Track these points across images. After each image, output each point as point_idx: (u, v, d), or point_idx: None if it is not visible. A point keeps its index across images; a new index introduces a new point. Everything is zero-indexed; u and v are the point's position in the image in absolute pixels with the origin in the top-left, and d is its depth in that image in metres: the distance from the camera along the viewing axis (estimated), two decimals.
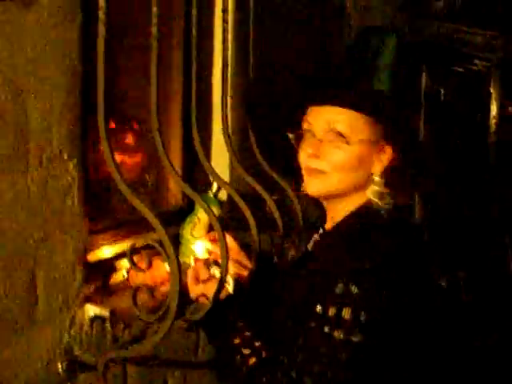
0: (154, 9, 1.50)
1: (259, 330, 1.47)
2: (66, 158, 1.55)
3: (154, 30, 1.52)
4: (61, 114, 1.53)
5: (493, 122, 4.04)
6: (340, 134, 1.41)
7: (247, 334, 1.45)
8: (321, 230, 1.55)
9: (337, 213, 1.48)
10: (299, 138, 1.50)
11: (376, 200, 1.43)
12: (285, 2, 2.79)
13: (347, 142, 1.40)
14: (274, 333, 1.45)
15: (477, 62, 4.09)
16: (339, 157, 1.42)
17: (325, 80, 1.60)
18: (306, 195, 1.53)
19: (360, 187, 1.45)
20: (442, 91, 4.22)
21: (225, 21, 1.82)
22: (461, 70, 4.13)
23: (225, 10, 1.82)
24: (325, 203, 1.52)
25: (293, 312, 1.39)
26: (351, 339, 1.24)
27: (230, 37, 1.93)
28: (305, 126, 1.48)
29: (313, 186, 1.47)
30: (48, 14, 1.48)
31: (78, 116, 1.59)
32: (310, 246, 1.58)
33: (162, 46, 1.47)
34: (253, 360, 1.40)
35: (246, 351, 1.42)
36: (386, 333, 1.29)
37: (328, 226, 1.52)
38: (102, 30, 1.42)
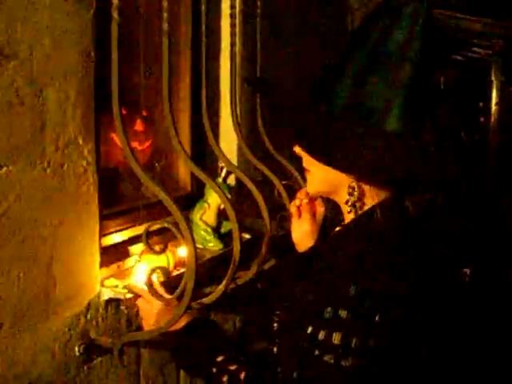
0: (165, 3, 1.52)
1: (241, 342, 1.44)
2: (81, 142, 1.57)
3: (164, 15, 1.54)
4: (76, 99, 1.54)
5: (494, 109, 4.06)
6: None
7: (229, 348, 1.40)
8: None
9: (345, 210, 1.35)
10: None
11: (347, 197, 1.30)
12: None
13: None
14: (271, 335, 1.36)
15: (477, 49, 4.09)
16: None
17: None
18: None
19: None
20: (442, 79, 4.23)
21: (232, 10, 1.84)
22: (460, 58, 4.14)
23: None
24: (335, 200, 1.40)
25: (297, 315, 1.27)
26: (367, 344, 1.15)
27: (237, 23, 1.95)
28: None
29: (307, 185, 1.42)
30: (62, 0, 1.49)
31: (92, 101, 1.61)
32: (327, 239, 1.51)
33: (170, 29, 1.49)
34: (244, 373, 1.31)
35: (233, 367, 1.33)
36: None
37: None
38: (115, 15, 1.44)
